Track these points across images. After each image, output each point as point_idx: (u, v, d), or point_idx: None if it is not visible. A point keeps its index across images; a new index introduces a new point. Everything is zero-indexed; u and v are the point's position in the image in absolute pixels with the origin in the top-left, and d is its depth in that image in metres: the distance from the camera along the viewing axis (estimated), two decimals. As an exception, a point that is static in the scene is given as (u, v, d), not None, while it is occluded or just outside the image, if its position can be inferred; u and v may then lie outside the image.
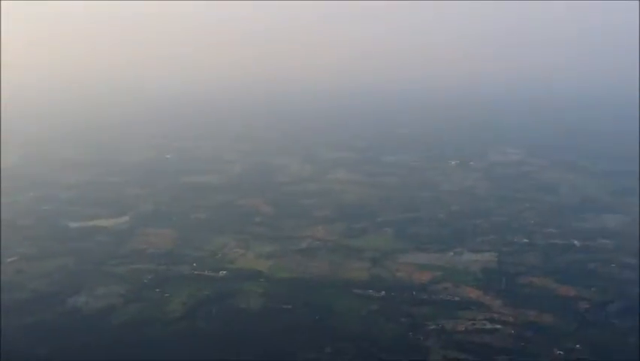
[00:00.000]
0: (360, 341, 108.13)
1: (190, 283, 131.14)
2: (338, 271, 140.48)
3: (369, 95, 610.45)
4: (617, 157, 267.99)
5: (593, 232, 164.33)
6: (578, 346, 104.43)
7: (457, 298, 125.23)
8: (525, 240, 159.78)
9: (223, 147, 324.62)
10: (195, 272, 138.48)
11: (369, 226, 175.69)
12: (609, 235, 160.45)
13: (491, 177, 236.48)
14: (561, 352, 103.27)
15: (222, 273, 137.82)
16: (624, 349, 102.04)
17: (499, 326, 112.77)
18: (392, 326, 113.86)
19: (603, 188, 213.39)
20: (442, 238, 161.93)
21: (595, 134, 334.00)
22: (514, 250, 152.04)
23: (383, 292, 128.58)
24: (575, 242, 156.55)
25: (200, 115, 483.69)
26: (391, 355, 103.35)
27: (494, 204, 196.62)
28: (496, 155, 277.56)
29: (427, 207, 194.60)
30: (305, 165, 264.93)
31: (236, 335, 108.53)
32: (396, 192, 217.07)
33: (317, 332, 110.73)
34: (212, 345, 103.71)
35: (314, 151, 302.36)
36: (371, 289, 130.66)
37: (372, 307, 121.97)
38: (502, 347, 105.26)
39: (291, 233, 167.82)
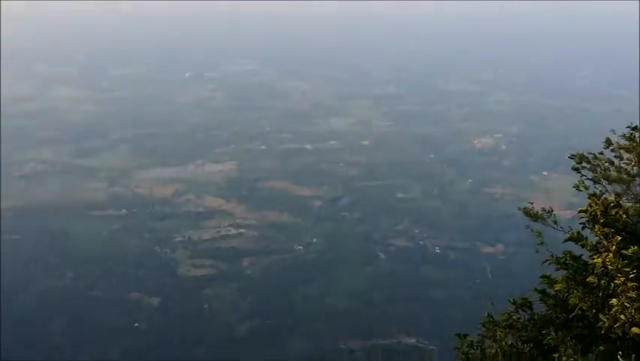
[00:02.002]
0: (105, 261, 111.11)
1: None
2: (72, 194, 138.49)
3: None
4: (340, 63, 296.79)
5: (322, 134, 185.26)
6: (314, 240, 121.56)
7: (201, 209, 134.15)
8: (263, 147, 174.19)
9: None
10: None
11: (102, 144, 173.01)
12: (336, 137, 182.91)
13: (226, 88, 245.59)
14: (300, 246, 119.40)
15: None
16: (353, 238, 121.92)
17: (242, 230, 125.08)
18: (137, 243, 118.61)
19: (330, 94, 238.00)
20: (181, 152, 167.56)
21: (319, 44, 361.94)
22: (253, 157, 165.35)
23: (124, 211, 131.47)
24: (308, 146, 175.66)
25: None
26: (139, 270, 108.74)
27: (231, 113, 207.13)
28: (230, 66, 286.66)
29: (164, 121, 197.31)
30: (18, 84, 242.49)
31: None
32: (129, 107, 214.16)
33: (55, 259, 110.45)
34: None
35: (26, 66, 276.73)
36: (110, 208, 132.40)
37: (113, 227, 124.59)
38: (247, 249, 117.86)
39: (10, 158, 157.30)
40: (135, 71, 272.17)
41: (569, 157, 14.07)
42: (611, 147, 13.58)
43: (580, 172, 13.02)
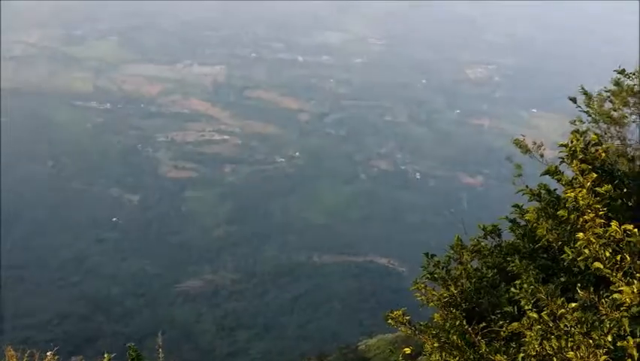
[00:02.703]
0: (87, 154, 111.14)
1: None
2: (58, 82, 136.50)
3: None
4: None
5: (316, 48, 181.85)
6: (297, 153, 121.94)
7: (186, 111, 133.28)
8: (253, 54, 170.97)
9: None
10: None
11: (90, 32, 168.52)
12: (330, 52, 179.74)
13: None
14: (282, 159, 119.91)
15: None
16: (336, 156, 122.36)
17: (227, 137, 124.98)
18: (120, 139, 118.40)
19: (329, 5, 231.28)
20: (170, 49, 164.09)
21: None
22: (243, 64, 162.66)
23: (108, 105, 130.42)
24: (300, 58, 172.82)
25: None
26: (120, 167, 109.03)
27: (224, 15, 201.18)
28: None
29: (156, 15, 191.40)
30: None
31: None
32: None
33: (39, 146, 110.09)
34: None
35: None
36: (95, 100, 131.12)
37: (97, 120, 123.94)
38: (230, 156, 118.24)
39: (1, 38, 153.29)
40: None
41: (569, 99, 14.02)
42: (600, 92, 13.56)
43: (576, 103, 13.05)
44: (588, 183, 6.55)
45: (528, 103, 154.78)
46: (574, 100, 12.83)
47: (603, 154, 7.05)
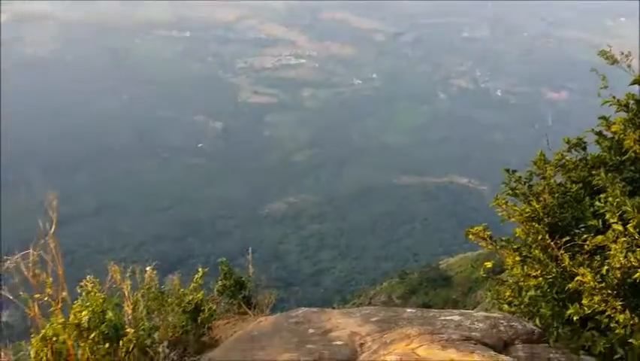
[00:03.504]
0: (169, 83, 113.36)
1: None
2: (136, 11, 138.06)
3: None
4: None
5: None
6: (374, 75, 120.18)
7: (262, 35, 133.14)
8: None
9: None
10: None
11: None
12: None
13: None
14: (359, 81, 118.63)
15: (3, 17, 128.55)
16: (414, 75, 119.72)
17: (303, 61, 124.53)
18: (200, 66, 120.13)
19: None
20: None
21: None
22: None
23: (188, 33, 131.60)
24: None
25: None
26: (202, 94, 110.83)
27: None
28: None
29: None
30: None
31: (26, 85, 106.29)
32: None
33: (122, 76, 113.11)
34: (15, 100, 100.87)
35: None
36: (174, 29, 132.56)
37: (177, 49, 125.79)
38: (307, 80, 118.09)
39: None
40: None
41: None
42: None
43: None
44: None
45: (616, 10, 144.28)
46: None
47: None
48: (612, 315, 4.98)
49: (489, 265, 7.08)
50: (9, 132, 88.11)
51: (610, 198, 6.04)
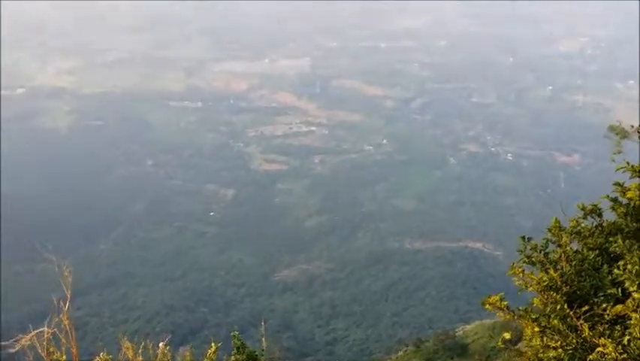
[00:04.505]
0: (182, 151, 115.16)
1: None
2: (151, 84, 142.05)
3: None
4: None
5: (397, 33, 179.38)
6: (385, 140, 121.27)
7: (274, 104, 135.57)
8: (336, 43, 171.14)
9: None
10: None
11: (180, 34, 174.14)
12: (412, 36, 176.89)
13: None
14: (370, 146, 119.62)
15: (20, 91, 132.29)
16: (424, 140, 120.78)
17: (314, 128, 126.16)
18: (212, 136, 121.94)
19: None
20: (257, 46, 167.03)
21: None
22: (326, 54, 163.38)
23: (200, 103, 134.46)
24: (382, 44, 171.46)
25: None
26: (214, 162, 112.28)
27: (307, 7, 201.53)
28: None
29: (240, 11, 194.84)
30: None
31: (47, 157, 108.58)
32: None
33: (136, 146, 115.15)
34: (20, 168, 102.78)
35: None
36: (187, 100, 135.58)
37: (190, 118, 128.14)
38: (318, 147, 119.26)
39: (93, 45, 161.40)
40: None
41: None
42: None
43: None
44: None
45: (624, 75, 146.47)
46: None
47: None
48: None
49: (507, 336, 6.95)
50: (25, 204, 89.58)
51: (629, 266, 5.98)
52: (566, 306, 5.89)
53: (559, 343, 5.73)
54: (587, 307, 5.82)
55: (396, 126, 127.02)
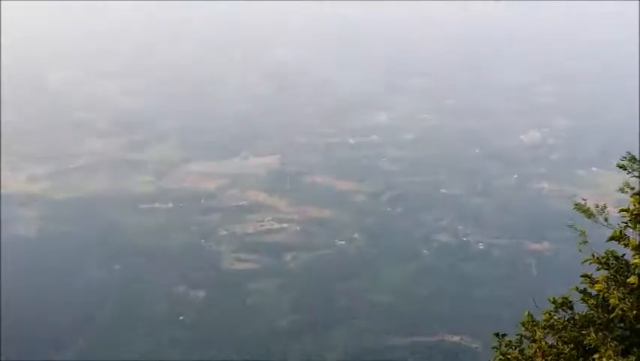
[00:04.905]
0: (152, 254, 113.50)
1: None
2: (121, 187, 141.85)
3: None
4: (385, 56, 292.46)
5: (365, 128, 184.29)
6: (356, 235, 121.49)
7: (244, 203, 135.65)
8: (305, 140, 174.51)
9: None
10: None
11: (151, 136, 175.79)
12: (380, 131, 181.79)
13: (273, 79, 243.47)
14: (342, 241, 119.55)
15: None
16: (396, 233, 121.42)
17: (285, 225, 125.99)
18: (183, 236, 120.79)
19: (375, 87, 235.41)
20: (226, 145, 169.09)
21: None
22: (296, 151, 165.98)
23: (170, 204, 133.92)
24: (350, 140, 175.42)
25: None
26: (185, 263, 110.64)
27: (276, 106, 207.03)
28: (279, 56, 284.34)
29: (209, 112, 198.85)
30: (68, 77, 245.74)
31: (17, 264, 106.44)
32: (175, 98, 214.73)
33: (105, 250, 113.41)
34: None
35: (78, 60, 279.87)
36: (157, 202, 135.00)
37: (160, 220, 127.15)
38: (290, 244, 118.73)
39: (66, 150, 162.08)
40: (182, 62, 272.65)
41: (622, 158, 13.72)
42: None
43: (626, 169, 12.72)
44: (656, 247, 6.32)
45: (586, 162, 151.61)
46: (623, 167, 12.49)
47: (668, 215, 6.82)
48: None
49: None
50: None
51: (604, 359, 5.93)
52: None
53: None
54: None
55: (367, 220, 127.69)
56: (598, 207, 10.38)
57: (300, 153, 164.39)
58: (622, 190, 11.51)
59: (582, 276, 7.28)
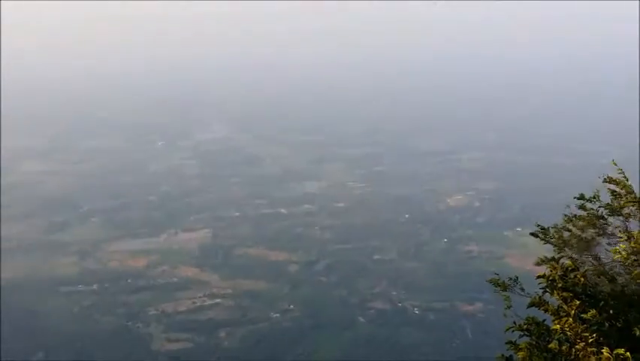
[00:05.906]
0: (75, 341, 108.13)
1: None
2: (41, 271, 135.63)
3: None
4: (312, 127, 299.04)
5: (296, 198, 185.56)
6: (292, 306, 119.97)
7: (175, 280, 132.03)
8: (236, 213, 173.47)
9: None
10: None
11: (72, 217, 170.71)
12: (311, 200, 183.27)
13: (199, 155, 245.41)
14: (277, 314, 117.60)
15: None
16: (331, 302, 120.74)
17: (218, 300, 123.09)
18: (109, 319, 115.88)
19: (304, 157, 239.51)
20: (154, 221, 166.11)
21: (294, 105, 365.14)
22: (227, 224, 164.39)
23: (95, 286, 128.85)
24: (282, 210, 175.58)
25: None
26: (111, 349, 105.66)
27: (203, 181, 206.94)
28: (204, 133, 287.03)
29: (135, 191, 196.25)
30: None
31: None
32: (100, 178, 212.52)
33: (23, 338, 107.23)
34: None
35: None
36: (81, 284, 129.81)
37: (84, 303, 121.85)
38: (223, 320, 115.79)
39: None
40: (106, 142, 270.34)
41: (536, 226, 14.45)
42: (567, 217, 14.05)
43: (538, 237, 13.35)
44: (573, 311, 6.44)
45: (512, 223, 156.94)
46: (536, 235, 13.24)
47: (582, 279, 7.03)
48: None
49: None
50: None
51: None
52: None
53: None
54: None
55: (302, 290, 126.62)
56: (510, 279, 10.68)
57: (231, 226, 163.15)
58: (538, 264, 11.99)
59: (507, 343, 7.34)
